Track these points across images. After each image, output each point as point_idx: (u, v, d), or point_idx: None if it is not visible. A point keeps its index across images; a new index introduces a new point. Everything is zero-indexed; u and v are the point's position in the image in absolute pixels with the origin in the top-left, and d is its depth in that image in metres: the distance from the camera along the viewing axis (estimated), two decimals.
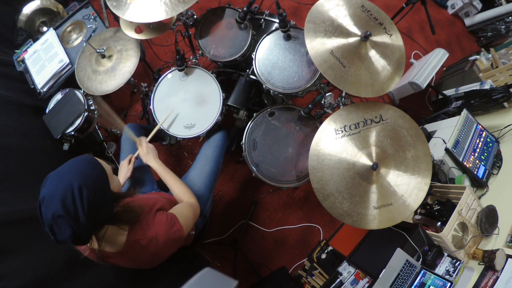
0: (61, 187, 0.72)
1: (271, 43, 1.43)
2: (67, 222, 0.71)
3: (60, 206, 0.70)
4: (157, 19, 1.20)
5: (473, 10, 2.68)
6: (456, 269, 1.37)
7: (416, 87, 2.06)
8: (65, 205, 0.71)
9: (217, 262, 1.93)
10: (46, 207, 0.72)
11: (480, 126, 1.78)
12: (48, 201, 0.72)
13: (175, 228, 0.95)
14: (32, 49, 1.76)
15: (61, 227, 0.72)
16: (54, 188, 0.73)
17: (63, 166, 0.79)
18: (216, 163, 1.43)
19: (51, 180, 0.75)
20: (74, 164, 0.79)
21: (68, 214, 0.71)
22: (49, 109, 1.57)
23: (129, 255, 0.91)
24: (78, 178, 0.74)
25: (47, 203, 0.72)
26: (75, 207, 0.72)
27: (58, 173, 0.77)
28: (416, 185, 1.14)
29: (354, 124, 1.20)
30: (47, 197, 0.72)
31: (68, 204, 0.71)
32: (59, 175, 0.76)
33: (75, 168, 0.77)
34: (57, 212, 0.70)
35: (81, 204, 0.72)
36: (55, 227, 0.72)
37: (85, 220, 0.73)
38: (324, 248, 1.92)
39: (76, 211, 0.72)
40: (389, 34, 1.25)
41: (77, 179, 0.73)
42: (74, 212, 0.72)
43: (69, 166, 0.78)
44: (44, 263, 1.05)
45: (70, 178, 0.74)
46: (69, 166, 0.78)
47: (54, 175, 0.76)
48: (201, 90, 1.47)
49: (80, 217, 0.72)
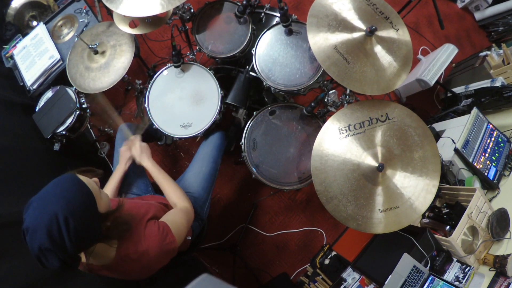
0: (46, 218, 0.71)
1: (272, 38, 1.43)
2: (54, 254, 0.72)
3: (46, 239, 0.70)
4: (152, 13, 1.20)
5: (484, 4, 2.68)
6: (466, 275, 1.38)
7: (424, 84, 2.07)
8: (51, 237, 0.70)
9: (215, 267, 1.93)
10: (31, 238, 0.71)
11: (491, 125, 1.78)
12: (33, 232, 0.71)
13: (168, 240, 0.94)
14: (21, 44, 1.75)
15: (49, 258, 0.72)
16: (39, 219, 0.71)
17: (46, 190, 0.77)
18: (214, 164, 1.43)
19: (34, 208, 0.73)
20: (57, 188, 0.77)
21: (55, 246, 0.71)
22: (39, 108, 1.57)
23: (119, 268, 0.91)
24: (63, 207, 0.72)
25: (31, 235, 0.71)
26: (62, 239, 0.71)
27: (41, 199, 0.75)
28: (424, 187, 1.14)
29: (359, 123, 1.20)
30: (32, 228, 0.71)
31: (54, 236, 0.70)
32: (43, 203, 0.74)
33: (59, 194, 0.75)
34: (44, 245, 0.70)
35: (67, 235, 0.71)
36: (42, 258, 0.72)
37: (73, 250, 0.73)
38: (327, 253, 1.92)
39: (63, 242, 0.71)
40: (396, 29, 1.25)
41: (62, 208, 0.72)
42: (61, 243, 0.71)
43: (53, 190, 0.76)
44: (34, 268, 1.05)
45: (54, 206, 0.72)
46: (53, 191, 0.76)
47: (37, 202, 0.75)
48: (199, 87, 1.47)
49: (68, 247, 0.72)
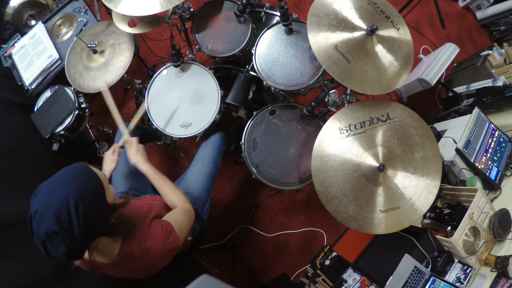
0: (56, 201, 0.70)
1: (272, 37, 1.43)
2: (61, 239, 0.70)
3: (54, 222, 0.69)
4: (152, 12, 1.20)
5: (485, 3, 2.68)
6: (467, 276, 1.38)
7: (425, 84, 2.07)
8: (59, 221, 0.69)
9: (215, 268, 1.93)
10: (39, 221, 0.70)
11: (493, 125, 1.78)
12: (41, 215, 0.70)
13: (171, 238, 0.94)
14: (20, 43, 1.75)
15: (55, 243, 0.71)
16: (48, 202, 0.71)
17: (56, 176, 0.76)
18: (214, 165, 1.43)
19: (44, 192, 0.73)
20: (68, 174, 0.77)
21: (63, 230, 0.70)
22: (37, 107, 1.57)
23: (122, 266, 0.91)
24: (74, 192, 0.72)
25: (39, 218, 0.70)
26: (71, 223, 0.70)
27: (52, 184, 0.74)
28: (425, 187, 1.14)
29: (360, 123, 1.20)
30: (40, 211, 0.70)
31: (63, 220, 0.70)
32: (53, 187, 0.74)
33: (70, 180, 0.75)
34: (51, 228, 0.69)
35: (77, 220, 0.71)
36: (48, 243, 0.71)
37: (80, 236, 0.72)
38: (328, 254, 1.92)
39: (72, 227, 0.71)
40: (397, 28, 1.25)
41: (72, 192, 0.71)
42: (69, 228, 0.70)
43: (64, 177, 0.76)
44: (33, 269, 1.05)
45: (65, 191, 0.72)
46: (64, 177, 0.76)
47: (47, 186, 0.74)
48: (198, 87, 1.47)
49: (76, 233, 0.71)
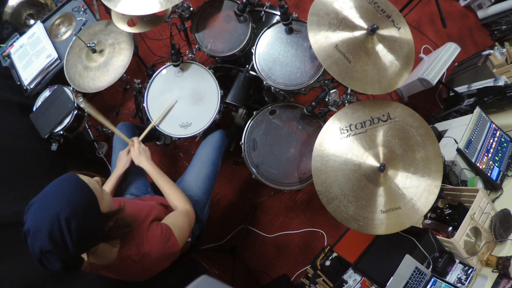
0: (47, 220, 0.70)
1: (272, 37, 1.43)
2: (56, 256, 0.71)
3: (47, 241, 0.69)
4: (151, 11, 1.20)
5: (487, 2, 2.68)
6: (469, 277, 1.37)
7: (426, 83, 2.07)
8: (52, 239, 0.69)
9: (214, 269, 1.93)
10: (32, 240, 0.70)
11: (494, 125, 1.78)
12: (34, 234, 0.70)
13: (170, 243, 0.94)
14: (19, 43, 1.75)
15: (50, 261, 0.71)
16: (39, 220, 0.71)
17: (46, 191, 0.76)
18: (213, 165, 1.42)
19: (35, 210, 0.73)
20: (58, 189, 0.76)
21: (57, 248, 0.70)
22: (36, 107, 1.57)
23: (120, 269, 0.91)
24: (65, 208, 0.71)
25: (33, 237, 0.70)
26: (64, 241, 0.70)
27: (42, 201, 0.74)
28: (426, 187, 1.14)
29: (360, 123, 1.20)
30: (33, 230, 0.70)
31: (55, 238, 0.70)
32: (43, 204, 0.73)
33: (60, 195, 0.74)
34: (45, 247, 0.69)
35: (70, 237, 0.71)
36: (44, 261, 0.72)
37: (75, 251, 0.73)
38: (328, 254, 1.92)
39: (65, 244, 0.71)
40: (398, 27, 1.25)
41: (63, 209, 0.71)
42: (63, 245, 0.71)
43: (54, 191, 0.75)
44: (31, 270, 1.04)
45: (56, 208, 0.71)
46: (54, 192, 0.75)
47: (37, 203, 0.74)
48: (198, 86, 1.47)
49: (70, 249, 0.71)
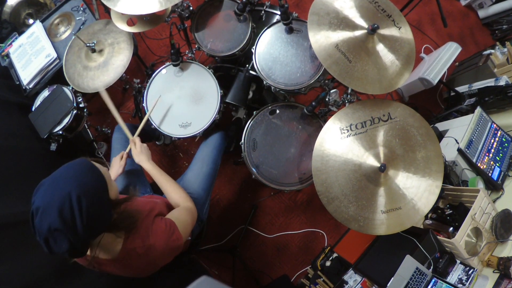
0: (58, 197, 0.70)
1: (272, 36, 1.43)
2: (64, 235, 0.70)
3: (57, 218, 0.68)
4: (151, 11, 1.20)
5: (488, 1, 2.68)
6: (470, 278, 1.37)
7: (427, 83, 2.07)
8: (62, 217, 0.69)
9: (214, 269, 1.93)
10: (41, 218, 0.69)
11: (495, 125, 1.78)
12: (44, 211, 0.69)
13: (174, 236, 0.95)
14: (17, 42, 1.75)
15: (58, 240, 0.70)
16: (50, 198, 0.70)
17: (58, 172, 0.76)
18: (213, 165, 1.43)
19: (46, 188, 0.73)
20: (70, 170, 0.76)
21: (66, 226, 0.69)
22: (35, 107, 1.57)
23: (124, 263, 0.91)
24: (77, 187, 0.71)
25: (42, 214, 0.69)
26: (74, 219, 0.70)
27: (53, 180, 0.74)
28: (426, 187, 1.14)
29: (361, 122, 1.20)
30: (42, 207, 0.70)
31: (66, 215, 0.69)
32: (55, 183, 0.73)
33: (72, 175, 0.74)
34: (54, 225, 0.68)
35: (80, 216, 0.70)
36: (51, 240, 0.70)
37: (84, 233, 0.72)
38: (328, 255, 1.92)
39: (75, 223, 0.70)
40: (398, 27, 1.25)
41: (75, 187, 0.71)
42: (72, 224, 0.70)
43: (66, 172, 0.75)
44: (31, 270, 1.05)
45: (68, 186, 0.71)
46: (66, 173, 0.75)
47: (48, 182, 0.74)
48: (198, 86, 1.47)
49: (79, 229, 0.71)
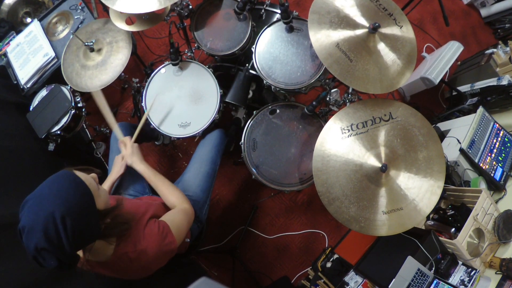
0: (42, 217, 0.70)
1: (272, 35, 1.43)
2: (52, 254, 0.71)
3: (42, 238, 0.69)
4: (150, 9, 1.20)
5: (490, 0, 2.68)
6: (472, 279, 1.37)
7: (429, 82, 2.06)
8: (47, 237, 0.70)
9: (214, 271, 1.93)
10: (27, 237, 0.71)
11: (498, 125, 1.78)
12: (29, 232, 0.71)
13: (167, 240, 0.94)
14: (15, 41, 1.76)
15: (46, 258, 0.72)
16: (34, 218, 0.71)
17: (41, 189, 0.76)
18: (213, 165, 1.42)
19: (29, 207, 0.73)
20: (54, 185, 0.76)
21: (52, 246, 0.70)
22: (33, 107, 1.57)
23: (116, 267, 0.91)
24: (60, 206, 0.71)
25: (28, 234, 0.71)
26: (59, 239, 0.71)
27: (37, 198, 0.74)
28: (428, 188, 1.14)
29: (362, 122, 1.20)
30: (28, 227, 0.71)
31: (51, 235, 0.70)
32: (38, 201, 0.73)
33: (55, 192, 0.74)
34: (40, 245, 0.70)
35: (65, 235, 0.71)
36: (39, 258, 0.72)
37: (71, 250, 0.73)
38: (329, 256, 1.92)
39: (61, 242, 0.71)
40: (400, 26, 1.25)
41: (58, 206, 0.71)
42: (58, 243, 0.71)
43: (49, 188, 0.76)
44: (28, 271, 1.05)
45: (51, 206, 0.71)
46: (49, 189, 0.75)
47: (32, 200, 0.74)
48: (197, 86, 1.47)
49: (65, 247, 0.72)
